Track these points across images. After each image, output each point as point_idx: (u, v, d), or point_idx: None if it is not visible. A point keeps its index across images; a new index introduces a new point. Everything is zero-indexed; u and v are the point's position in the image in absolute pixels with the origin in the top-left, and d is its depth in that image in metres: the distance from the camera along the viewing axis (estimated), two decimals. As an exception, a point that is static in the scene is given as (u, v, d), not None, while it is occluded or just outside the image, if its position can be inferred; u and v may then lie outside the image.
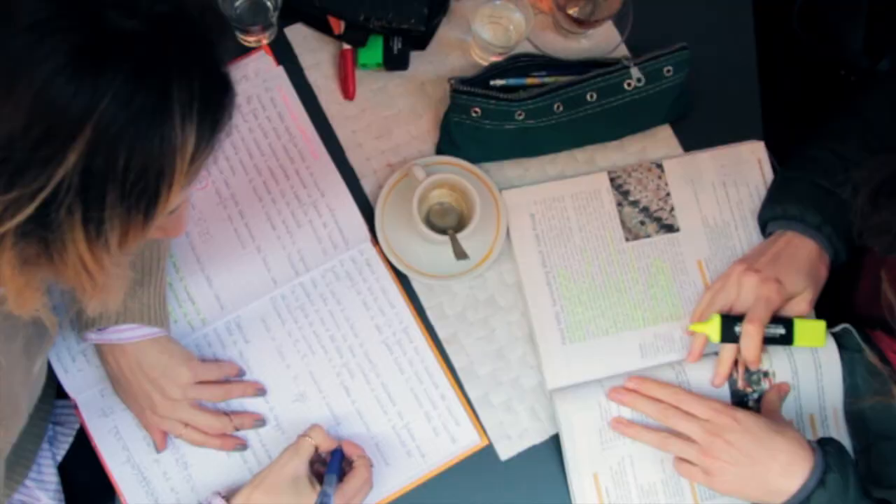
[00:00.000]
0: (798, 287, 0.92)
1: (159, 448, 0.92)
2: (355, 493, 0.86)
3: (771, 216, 0.97)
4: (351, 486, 0.86)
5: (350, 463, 0.88)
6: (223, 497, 0.85)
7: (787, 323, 0.92)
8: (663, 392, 0.92)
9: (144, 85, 0.52)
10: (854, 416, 0.92)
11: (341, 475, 0.86)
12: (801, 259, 0.93)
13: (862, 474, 0.86)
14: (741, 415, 0.87)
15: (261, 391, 0.94)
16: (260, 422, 0.93)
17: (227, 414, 0.92)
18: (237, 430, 0.93)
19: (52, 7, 0.49)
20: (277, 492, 0.83)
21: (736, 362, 0.94)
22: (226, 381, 0.93)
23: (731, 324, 0.91)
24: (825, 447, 0.85)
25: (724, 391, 0.94)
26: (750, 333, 0.90)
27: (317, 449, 0.87)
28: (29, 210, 0.51)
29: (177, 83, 0.54)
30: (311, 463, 0.86)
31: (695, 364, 0.95)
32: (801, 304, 0.93)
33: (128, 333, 0.86)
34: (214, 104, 0.58)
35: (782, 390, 0.94)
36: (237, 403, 0.94)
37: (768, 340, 0.92)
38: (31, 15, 0.49)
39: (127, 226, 0.56)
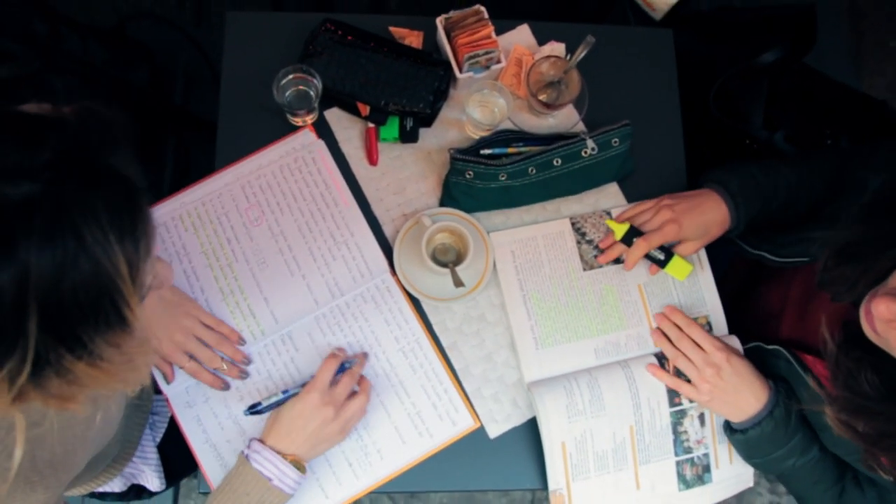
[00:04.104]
0: (693, 235, 1.04)
1: (169, 380, 0.99)
2: (351, 408, 0.94)
3: (706, 177, 1.07)
4: (350, 398, 0.94)
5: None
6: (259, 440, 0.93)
7: (669, 254, 1.06)
8: (684, 322, 1.04)
9: (58, 242, 0.48)
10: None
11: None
12: (708, 218, 1.03)
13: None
14: (734, 358, 1.00)
15: (246, 360, 1.02)
16: (244, 374, 1.02)
17: (223, 360, 1.01)
18: (228, 374, 1.01)
19: None
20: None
21: (663, 367, 1.05)
22: (224, 339, 1.01)
23: (633, 234, 1.05)
24: (778, 388, 0.99)
25: (661, 387, 1.03)
26: (639, 246, 1.04)
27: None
28: (25, 372, 0.50)
29: (86, 227, 0.49)
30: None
31: (638, 366, 1.04)
32: (689, 246, 1.05)
33: None
34: (127, 224, 0.52)
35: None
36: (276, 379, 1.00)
37: (649, 257, 1.06)
38: None
39: (111, 339, 0.54)
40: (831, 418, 0.80)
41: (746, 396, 0.98)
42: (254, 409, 0.93)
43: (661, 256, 1.05)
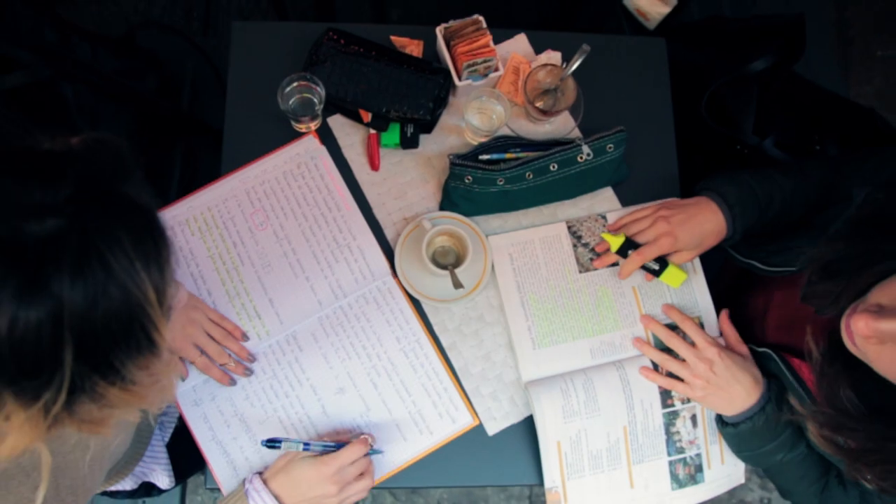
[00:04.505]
0: (688, 246, 1.04)
1: (184, 377, 1.01)
2: (354, 489, 0.94)
3: (702, 186, 1.06)
4: (355, 479, 0.94)
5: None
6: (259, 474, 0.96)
7: (663, 263, 1.06)
8: (679, 318, 1.05)
9: (88, 274, 0.48)
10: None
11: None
12: (705, 229, 1.03)
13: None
14: (724, 353, 1.01)
15: (251, 357, 1.04)
16: (249, 371, 1.04)
17: (229, 356, 1.03)
18: (234, 371, 1.02)
19: None
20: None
21: (656, 367, 1.06)
22: (229, 335, 1.03)
23: (628, 246, 1.05)
24: (770, 384, 1.00)
25: (654, 389, 1.05)
26: (633, 260, 1.05)
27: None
28: (61, 402, 0.50)
29: (112, 256, 0.50)
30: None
31: (632, 368, 1.05)
32: (684, 256, 1.06)
33: None
34: (151, 251, 0.53)
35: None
36: (286, 384, 1.03)
37: (643, 266, 1.06)
38: None
39: (142, 363, 0.54)
40: (814, 434, 0.80)
41: (739, 391, 0.99)
42: (271, 444, 0.95)
43: (656, 266, 1.06)
